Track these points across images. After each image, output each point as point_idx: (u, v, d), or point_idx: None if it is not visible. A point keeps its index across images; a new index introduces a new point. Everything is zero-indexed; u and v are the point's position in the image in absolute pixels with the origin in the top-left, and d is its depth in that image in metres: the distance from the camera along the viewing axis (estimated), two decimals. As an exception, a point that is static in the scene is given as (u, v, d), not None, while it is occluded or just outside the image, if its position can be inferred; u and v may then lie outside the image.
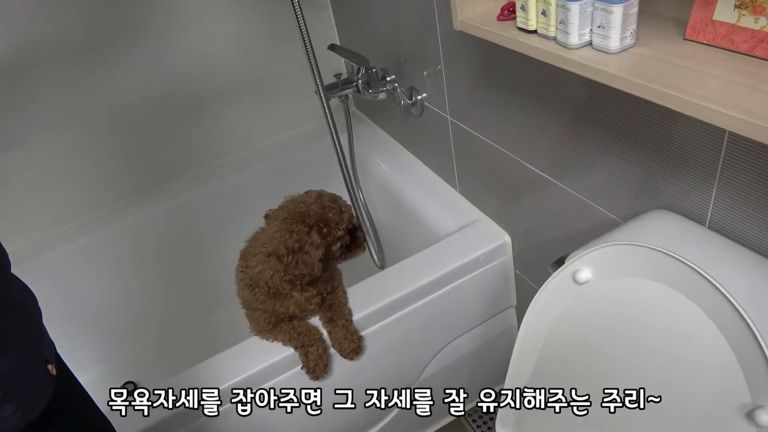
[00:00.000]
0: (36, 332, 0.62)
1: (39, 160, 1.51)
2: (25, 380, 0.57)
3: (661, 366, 0.71)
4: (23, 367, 0.57)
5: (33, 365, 0.59)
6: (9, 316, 0.58)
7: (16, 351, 0.56)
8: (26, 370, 0.57)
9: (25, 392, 0.56)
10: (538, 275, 1.27)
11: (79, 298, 1.62)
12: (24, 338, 0.59)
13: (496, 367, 1.49)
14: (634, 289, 0.73)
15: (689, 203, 0.79)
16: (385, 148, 1.69)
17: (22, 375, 0.56)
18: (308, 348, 1.12)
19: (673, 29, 0.70)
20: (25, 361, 0.57)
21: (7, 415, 0.54)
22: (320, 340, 1.13)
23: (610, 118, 0.85)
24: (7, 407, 0.54)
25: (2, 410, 0.54)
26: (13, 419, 0.55)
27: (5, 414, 0.54)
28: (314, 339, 1.13)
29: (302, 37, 1.23)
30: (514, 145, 1.12)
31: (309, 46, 1.24)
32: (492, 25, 0.82)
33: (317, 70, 1.28)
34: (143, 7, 1.45)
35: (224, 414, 1.10)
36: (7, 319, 0.57)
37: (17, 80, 1.39)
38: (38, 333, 0.62)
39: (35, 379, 0.58)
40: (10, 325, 0.57)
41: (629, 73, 0.63)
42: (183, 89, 1.60)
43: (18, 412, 0.55)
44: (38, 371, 0.59)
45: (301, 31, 1.22)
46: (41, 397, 0.58)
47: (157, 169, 1.69)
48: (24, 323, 0.60)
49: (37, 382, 0.59)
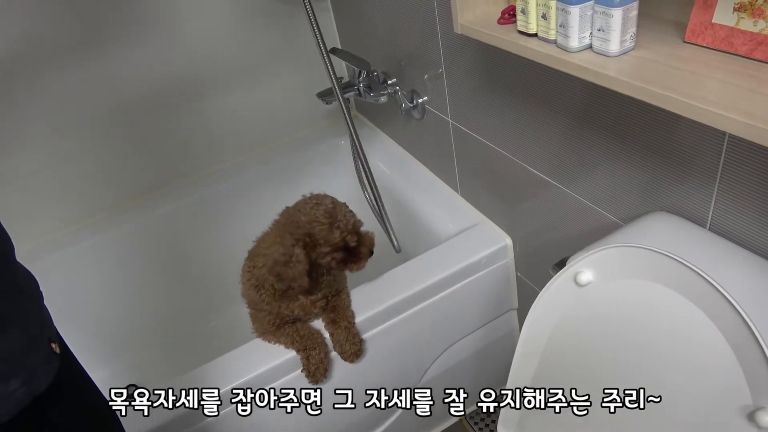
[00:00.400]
0: (39, 313, 0.65)
1: (45, 163, 1.52)
2: (29, 357, 0.60)
3: (662, 367, 0.71)
4: (28, 345, 0.60)
5: (37, 343, 0.62)
6: (15, 298, 0.61)
7: (21, 330, 0.59)
8: (31, 347, 0.60)
9: (29, 369, 0.59)
10: (539, 277, 1.27)
11: (80, 300, 1.62)
12: (28, 319, 0.62)
13: (498, 370, 1.50)
14: (636, 291, 0.73)
15: (690, 205, 0.79)
16: (386, 150, 1.70)
17: (27, 352, 0.60)
18: (310, 351, 1.12)
19: (672, 32, 0.70)
20: (29, 340, 0.60)
21: (14, 389, 0.57)
22: (322, 344, 1.14)
23: (610, 121, 0.85)
24: (13, 381, 0.57)
25: (8, 384, 0.57)
26: (19, 393, 0.58)
27: (12, 388, 0.57)
28: (316, 343, 1.13)
29: (316, 39, 1.23)
30: (515, 147, 1.12)
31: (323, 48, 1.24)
32: (492, 29, 0.82)
33: (333, 71, 1.28)
34: (145, 8, 1.46)
35: (225, 416, 1.10)
36: (13, 300, 0.60)
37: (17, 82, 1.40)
38: (41, 314, 0.66)
39: (39, 357, 0.61)
40: (15, 306, 0.60)
41: (629, 76, 0.63)
42: (185, 92, 1.61)
43: (23, 387, 0.58)
44: (42, 349, 0.62)
45: (315, 33, 1.22)
46: (46, 373, 0.61)
47: (158, 172, 1.70)
48: (28, 305, 0.63)
49: (41, 360, 0.62)
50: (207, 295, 1.76)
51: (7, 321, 0.58)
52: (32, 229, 1.60)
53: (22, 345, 0.59)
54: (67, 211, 1.62)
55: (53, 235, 1.62)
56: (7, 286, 0.60)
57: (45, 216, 1.60)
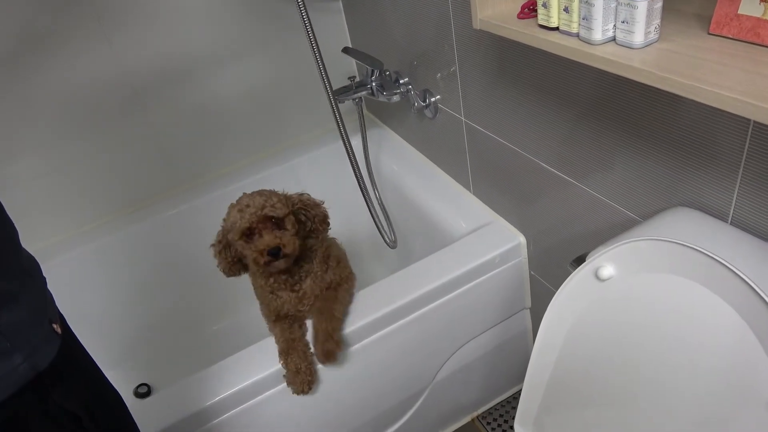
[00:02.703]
0: (41, 294, 0.68)
1: (54, 165, 1.52)
2: (31, 334, 0.63)
3: (687, 361, 0.71)
4: (30, 322, 0.63)
5: (39, 323, 0.65)
6: (18, 277, 0.64)
7: (23, 308, 0.62)
8: (33, 325, 0.63)
9: (31, 345, 0.62)
10: (553, 276, 1.26)
11: (86, 301, 1.62)
12: (30, 299, 0.65)
13: (511, 370, 1.49)
14: (659, 285, 0.73)
15: (711, 199, 0.79)
16: (398, 150, 1.70)
17: (29, 329, 0.62)
18: (288, 355, 1.10)
19: (695, 25, 0.70)
20: (32, 318, 0.63)
21: (17, 364, 0.60)
22: (302, 352, 1.10)
23: (628, 115, 0.85)
24: (17, 356, 0.60)
25: (12, 359, 0.60)
26: (22, 368, 0.60)
27: (15, 363, 0.60)
28: (295, 349, 1.10)
29: (310, 42, 1.25)
30: (528, 144, 1.12)
31: (317, 50, 1.26)
32: (513, 23, 0.82)
33: (325, 74, 1.29)
34: (157, 7, 1.46)
35: (231, 417, 1.10)
36: (19, 281, 0.64)
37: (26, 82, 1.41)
38: (43, 295, 0.68)
39: (41, 335, 0.64)
40: (19, 285, 0.63)
41: (654, 67, 0.63)
42: (196, 93, 1.61)
43: (25, 363, 0.60)
44: (44, 328, 0.65)
45: (308, 35, 1.24)
46: (47, 351, 0.64)
47: (168, 174, 1.70)
48: (30, 284, 0.66)
49: (43, 337, 0.64)
50: (213, 298, 1.75)
51: (10, 298, 0.61)
52: (41, 231, 1.60)
53: (25, 322, 0.62)
54: (75, 213, 1.62)
55: (61, 237, 1.62)
56: (11, 265, 0.64)
57: (54, 218, 1.60)
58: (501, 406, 1.53)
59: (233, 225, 1.06)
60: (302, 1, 1.21)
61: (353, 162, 1.41)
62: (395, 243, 1.56)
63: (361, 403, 1.27)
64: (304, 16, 1.22)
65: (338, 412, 1.24)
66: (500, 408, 1.52)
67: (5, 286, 0.60)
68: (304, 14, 1.22)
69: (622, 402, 0.81)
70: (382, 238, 1.52)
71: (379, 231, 1.51)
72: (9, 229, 0.66)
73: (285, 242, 1.05)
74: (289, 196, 1.12)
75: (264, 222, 1.05)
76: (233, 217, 1.06)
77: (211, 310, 1.78)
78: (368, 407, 1.28)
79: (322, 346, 1.09)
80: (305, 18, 1.22)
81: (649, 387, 0.76)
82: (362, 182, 1.44)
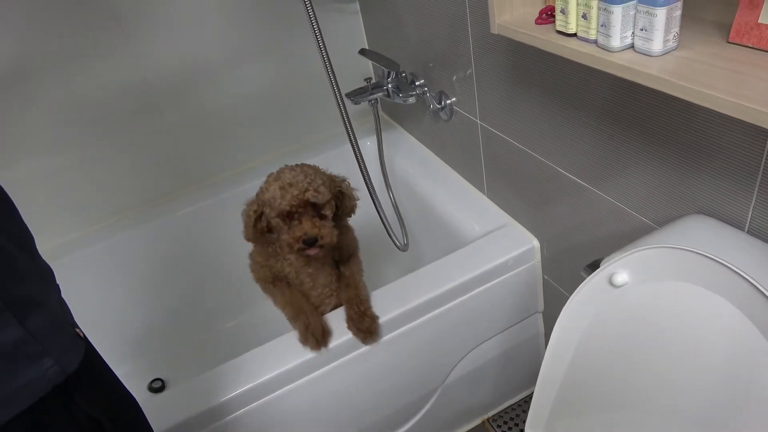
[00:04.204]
0: (60, 300, 0.69)
1: (69, 162, 1.55)
2: (58, 337, 0.63)
3: (701, 370, 0.71)
4: (55, 326, 0.63)
5: (63, 326, 0.65)
6: (38, 284, 0.64)
7: (48, 312, 0.63)
8: (58, 329, 0.64)
9: (59, 349, 0.62)
10: (566, 280, 1.26)
11: (100, 299, 1.64)
12: (53, 304, 0.65)
13: (522, 373, 1.49)
14: (674, 294, 0.73)
15: (727, 207, 0.79)
16: (412, 151, 1.70)
17: (56, 332, 0.63)
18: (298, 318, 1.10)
19: (714, 33, 0.70)
20: (56, 322, 0.64)
21: (47, 367, 0.60)
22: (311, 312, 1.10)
23: (644, 121, 0.85)
24: (47, 359, 0.60)
25: (42, 363, 0.60)
26: (52, 372, 0.60)
27: (45, 366, 0.60)
28: (303, 310, 1.10)
29: (318, 45, 1.26)
30: (544, 148, 1.12)
31: (325, 53, 1.27)
32: (530, 29, 0.82)
33: (334, 78, 1.30)
34: (168, 7, 1.48)
35: (246, 413, 1.11)
36: (39, 285, 0.64)
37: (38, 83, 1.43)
38: (62, 301, 0.69)
39: (67, 339, 0.65)
40: (41, 291, 0.64)
41: (673, 75, 0.63)
42: (208, 95, 1.63)
43: (56, 366, 0.61)
44: (69, 332, 0.66)
45: (316, 38, 1.25)
46: (74, 355, 0.64)
47: (182, 172, 1.72)
48: (50, 292, 0.67)
49: (69, 340, 0.65)
50: (226, 295, 1.77)
51: (34, 303, 0.61)
52: (55, 228, 1.62)
53: (52, 326, 0.62)
54: (92, 210, 1.64)
55: (77, 234, 1.64)
56: (31, 271, 0.64)
57: (70, 215, 1.62)
58: (512, 409, 1.53)
59: (272, 201, 1.01)
60: (310, 4, 1.21)
61: (361, 166, 1.41)
62: (406, 246, 1.57)
63: (373, 403, 1.27)
64: (312, 20, 1.23)
65: (349, 411, 1.25)
66: (511, 411, 1.52)
67: (28, 291, 0.61)
68: (312, 16, 1.22)
69: (633, 408, 0.81)
70: (392, 241, 1.52)
71: (389, 234, 1.51)
72: (27, 236, 0.66)
73: (324, 233, 1.01)
74: (333, 178, 1.06)
75: (305, 206, 1.00)
76: (272, 192, 1.01)
77: (224, 307, 1.80)
78: (380, 407, 1.29)
79: (360, 326, 1.08)
80: (313, 20, 1.23)
81: (661, 395, 0.76)
82: (370, 185, 1.44)
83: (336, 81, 1.32)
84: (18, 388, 0.58)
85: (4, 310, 0.56)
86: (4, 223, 0.62)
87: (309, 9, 1.22)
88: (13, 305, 0.57)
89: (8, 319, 0.57)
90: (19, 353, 0.58)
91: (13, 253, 0.61)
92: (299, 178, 1.01)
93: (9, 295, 0.57)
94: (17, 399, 0.58)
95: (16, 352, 0.58)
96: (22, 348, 0.58)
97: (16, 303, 0.58)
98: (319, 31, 1.25)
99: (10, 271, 0.59)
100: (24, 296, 0.60)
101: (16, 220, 0.65)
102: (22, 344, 0.58)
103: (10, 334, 0.57)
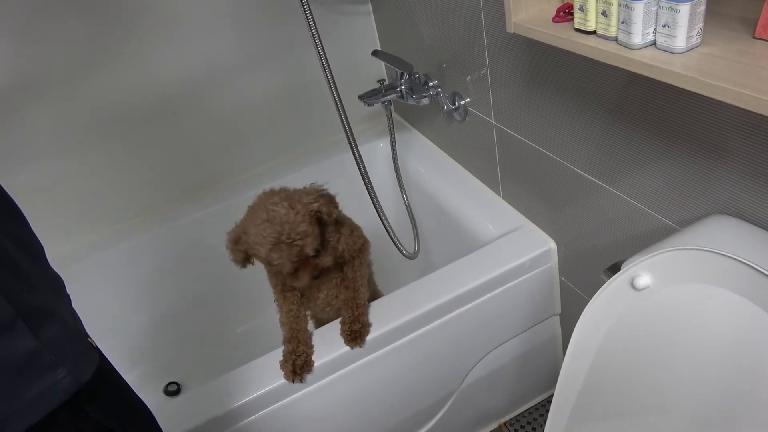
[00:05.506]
0: (71, 310, 0.68)
1: (78, 169, 1.55)
2: (72, 347, 0.62)
3: (726, 376, 0.69)
4: (69, 337, 0.63)
5: (77, 335, 0.65)
6: (50, 294, 0.64)
7: (61, 322, 0.62)
8: (72, 339, 0.63)
9: (73, 359, 0.61)
10: (584, 283, 1.24)
11: (110, 304, 1.64)
12: (65, 314, 0.65)
13: (539, 376, 1.47)
14: (697, 296, 0.71)
15: (752, 207, 0.76)
16: (426, 153, 1.69)
17: (69, 342, 0.62)
18: (290, 342, 1.11)
19: (739, 28, 0.68)
20: (69, 332, 0.63)
21: (61, 378, 0.59)
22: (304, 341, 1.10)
23: (664, 119, 0.83)
24: (60, 370, 0.59)
25: (56, 373, 0.59)
26: (65, 382, 0.60)
27: (59, 376, 0.59)
28: (296, 338, 1.10)
29: (317, 49, 1.25)
30: (561, 148, 1.10)
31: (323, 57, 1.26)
32: (547, 27, 0.81)
33: (334, 85, 1.29)
34: (176, 10, 1.48)
35: (260, 419, 1.11)
36: (51, 295, 0.64)
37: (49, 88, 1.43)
38: (73, 311, 0.68)
39: (81, 347, 0.64)
40: (53, 301, 0.63)
41: (696, 72, 0.62)
42: (221, 101, 1.63)
43: (69, 376, 0.60)
44: (82, 342, 0.65)
45: (315, 44, 1.24)
46: (88, 365, 0.64)
47: (194, 178, 1.72)
48: (62, 301, 0.66)
49: (83, 350, 0.64)
50: (238, 300, 1.76)
51: (47, 313, 0.60)
52: (70, 232, 1.62)
53: (64, 336, 0.62)
54: (105, 215, 1.64)
55: (90, 238, 1.65)
56: (43, 281, 0.64)
57: (83, 219, 1.62)
58: (529, 413, 1.51)
59: (255, 245, 1.03)
60: (308, 9, 1.21)
61: (362, 171, 1.39)
62: (416, 254, 1.54)
63: (387, 407, 1.26)
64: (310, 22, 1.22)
65: (364, 416, 1.24)
66: (528, 415, 1.51)
67: (41, 301, 0.61)
68: (310, 20, 1.22)
69: (655, 413, 0.79)
70: (399, 250, 1.50)
71: (395, 243, 1.49)
72: (37, 246, 0.66)
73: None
74: (307, 206, 1.05)
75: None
76: (254, 236, 1.02)
77: (235, 312, 1.80)
78: (395, 411, 1.28)
79: (349, 327, 1.10)
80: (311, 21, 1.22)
81: (684, 400, 0.75)
82: (372, 193, 1.42)
83: (336, 86, 1.30)
84: (32, 399, 0.58)
85: (19, 320, 0.56)
86: (16, 233, 0.62)
87: (308, 13, 1.20)
88: (27, 316, 0.57)
89: (22, 330, 0.56)
90: (34, 364, 0.57)
91: (25, 264, 0.60)
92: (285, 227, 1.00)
93: (23, 306, 0.57)
94: (31, 410, 0.58)
95: (30, 362, 0.57)
96: (37, 359, 0.57)
97: (29, 313, 0.57)
98: (317, 33, 1.23)
99: (23, 281, 0.59)
100: (37, 306, 0.59)
101: (26, 230, 0.65)
102: (36, 355, 0.57)
103: (25, 345, 0.57)
